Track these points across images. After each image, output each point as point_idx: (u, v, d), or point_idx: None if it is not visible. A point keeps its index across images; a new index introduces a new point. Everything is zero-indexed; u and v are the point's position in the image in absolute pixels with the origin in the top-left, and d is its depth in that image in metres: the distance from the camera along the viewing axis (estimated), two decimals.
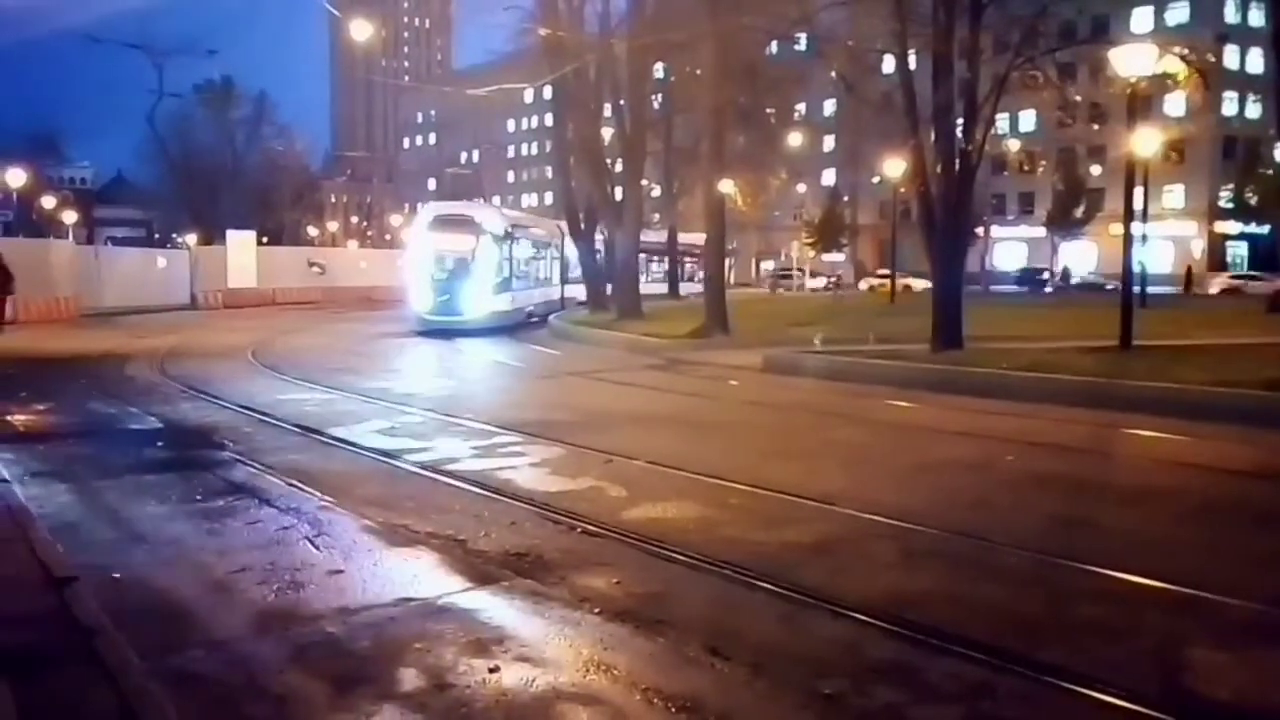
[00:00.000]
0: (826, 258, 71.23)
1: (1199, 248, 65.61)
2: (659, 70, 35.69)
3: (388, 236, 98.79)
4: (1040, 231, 67.00)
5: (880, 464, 8.73)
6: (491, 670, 4.00)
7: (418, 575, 5.30)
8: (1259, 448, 9.22)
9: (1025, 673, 4.04)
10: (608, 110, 33.04)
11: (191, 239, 60.21)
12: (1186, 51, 22.20)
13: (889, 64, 24.45)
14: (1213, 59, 46.97)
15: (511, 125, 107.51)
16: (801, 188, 72.76)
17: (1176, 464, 8.72)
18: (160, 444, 9.49)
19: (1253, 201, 58.93)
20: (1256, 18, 58.41)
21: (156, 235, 78.69)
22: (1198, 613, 4.83)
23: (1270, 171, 51.99)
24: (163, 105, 60.18)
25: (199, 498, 7.04)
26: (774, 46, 42.65)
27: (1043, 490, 7.62)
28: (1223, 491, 7.68)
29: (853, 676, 4.04)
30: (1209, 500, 7.36)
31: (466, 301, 24.10)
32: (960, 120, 17.17)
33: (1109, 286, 49.34)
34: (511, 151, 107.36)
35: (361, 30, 32.91)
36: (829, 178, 77.38)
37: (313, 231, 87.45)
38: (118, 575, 5.27)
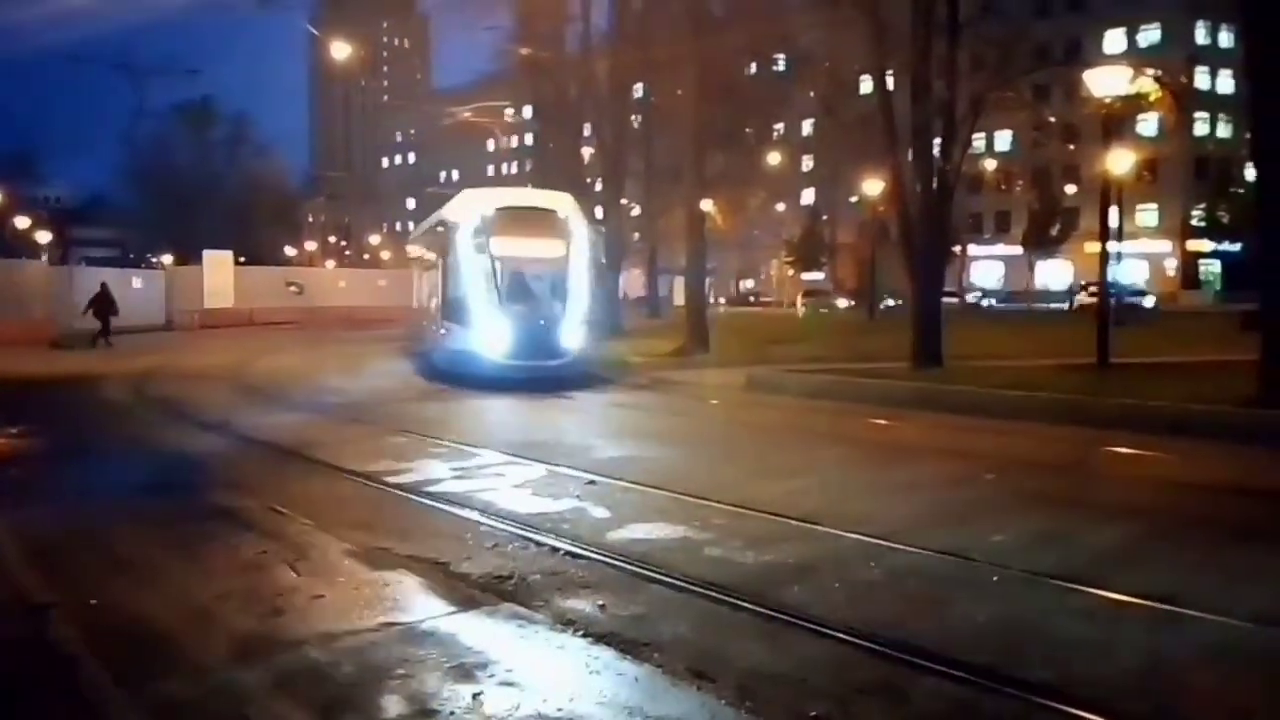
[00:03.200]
0: (806, 276, 71.64)
1: (1173, 266, 66.52)
2: (639, 90, 35.94)
3: (366, 256, 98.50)
4: (1017, 250, 67.73)
5: (862, 482, 8.75)
6: (475, 696, 3.97)
7: (400, 599, 5.25)
8: (1235, 464, 9.29)
9: (1010, 692, 4.04)
10: (588, 130, 33.23)
11: (167, 259, 59.89)
12: (1159, 73, 22.62)
13: (867, 84, 24.75)
14: (1184, 80, 47.82)
15: (491, 144, 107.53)
16: (781, 206, 73.25)
17: (1156, 480, 8.79)
18: (137, 468, 9.38)
19: (1225, 220, 59.92)
20: (1226, 40, 59.56)
21: (132, 255, 78.20)
22: (1180, 629, 4.86)
23: (1242, 191, 52.83)
24: (141, 125, 60.11)
25: (178, 522, 6.95)
26: (753, 67, 43.10)
27: (1024, 508, 7.65)
28: (1201, 508, 7.74)
29: (839, 698, 4.03)
30: (1188, 516, 7.42)
31: (564, 336, 16.38)
32: (938, 140, 17.36)
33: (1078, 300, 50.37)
34: (491, 170, 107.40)
35: (341, 50, 33.00)
36: (808, 197, 77.93)
37: (290, 251, 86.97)
38: (95, 602, 5.20)
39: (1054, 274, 67.44)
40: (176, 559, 6.07)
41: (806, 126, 72.53)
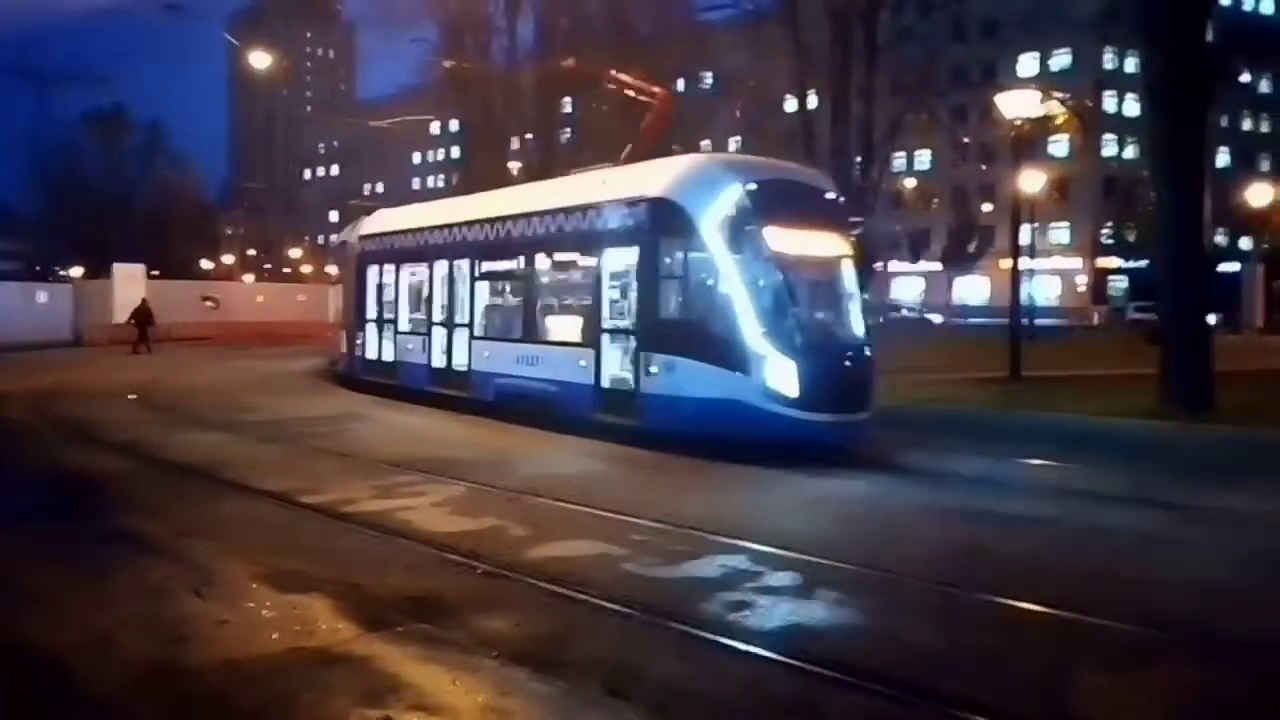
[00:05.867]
0: None
1: (1083, 282, 68.93)
2: (567, 105, 36.01)
3: (286, 270, 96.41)
4: (936, 266, 69.43)
5: (783, 497, 8.82)
6: None
7: (311, 623, 5.10)
8: (1138, 474, 9.61)
9: (925, 704, 4.10)
10: (516, 143, 33.15)
11: (76, 272, 57.82)
12: (1066, 96, 23.51)
13: (791, 104, 25.18)
14: (1090, 104, 49.75)
15: (417, 157, 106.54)
16: None
17: (1064, 491, 9.04)
18: (36, 491, 9.00)
19: (1131, 238, 62.39)
20: (1132, 65, 62.08)
21: (38, 268, 75.27)
22: (1083, 636, 4.99)
23: (1147, 210, 55.00)
24: (48, 133, 58.06)
25: (77, 547, 6.67)
26: (681, 84, 43.54)
27: (939, 521, 7.81)
28: (1106, 518, 7.98)
29: (756, 714, 4.04)
30: (1093, 526, 7.65)
31: (869, 380, 11.25)
32: (858, 159, 17.76)
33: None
34: (417, 184, 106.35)
35: (260, 60, 32.36)
36: None
37: (207, 265, 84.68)
38: None
39: (971, 290, 69.33)
40: (74, 585, 5.81)
41: (733, 143, 73.50)
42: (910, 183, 63.31)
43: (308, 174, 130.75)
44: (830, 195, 12.07)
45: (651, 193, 11.62)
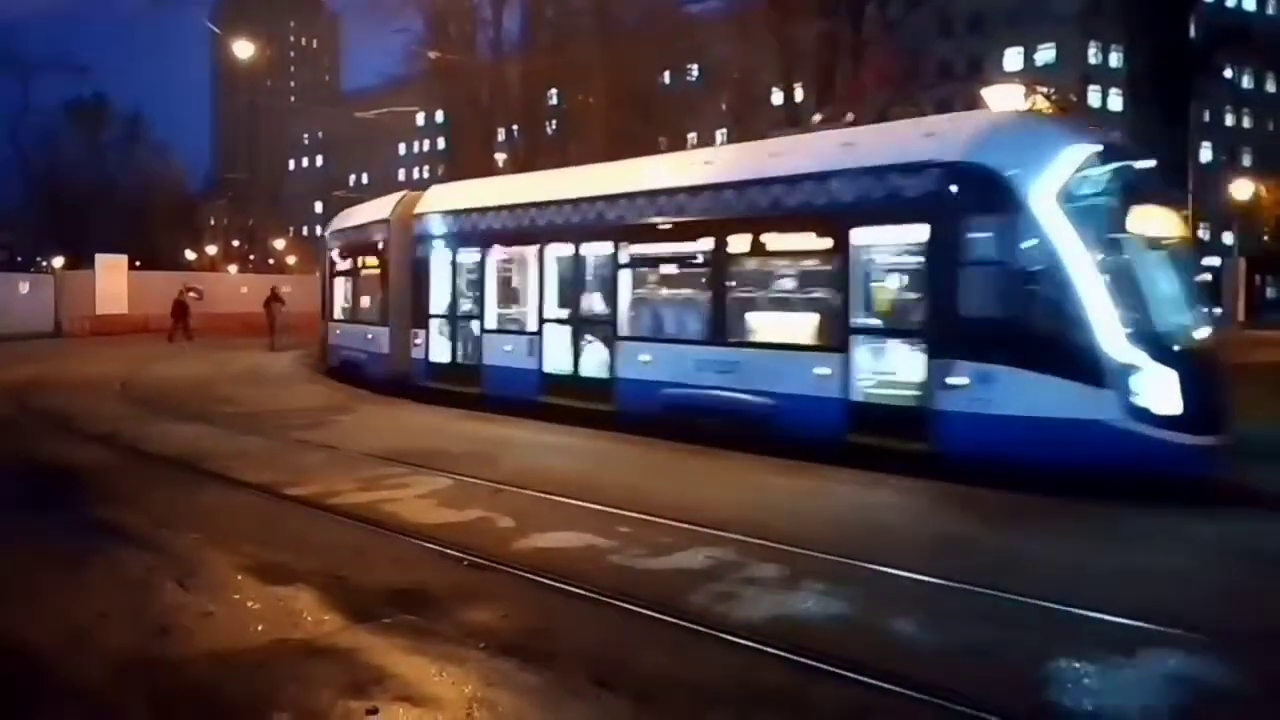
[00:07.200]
0: None
1: None
2: (553, 96, 35.91)
3: (271, 260, 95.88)
4: None
5: (769, 490, 8.84)
6: (369, 712, 3.88)
7: (295, 615, 5.08)
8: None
9: (906, 693, 4.12)
10: (502, 135, 33.06)
11: (58, 262, 57.41)
12: (1051, 90, 23.63)
13: (778, 96, 25.19)
14: (1075, 98, 50.01)
15: (402, 148, 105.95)
16: None
17: (1046, 486, 9.07)
18: (15, 483, 8.92)
19: None
20: (1116, 60, 62.45)
21: (19, 259, 74.68)
22: (1064, 628, 5.03)
23: None
24: (28, 123, 57.48)
25: (57, 539, 6.63)
26: (667, 76, 43.50)
27: (927, 513, 7.85)
28: (1088, 511, 8.02)
29: (739, 703, 4.05)
30: (1077, 519, 7.70)
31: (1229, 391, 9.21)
32: None
33: None
34: (403, 175, 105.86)
35: (244, 49, 32.15)
36: None
37: (191, 255, 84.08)
38: None
39: None
40: (54, 577, 5.78)
41: (719, 136, 73.47)
42: None
43: (292, 164, 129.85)
44: (1153, 163, 9.44)
45: (948, 156, 9.13)
